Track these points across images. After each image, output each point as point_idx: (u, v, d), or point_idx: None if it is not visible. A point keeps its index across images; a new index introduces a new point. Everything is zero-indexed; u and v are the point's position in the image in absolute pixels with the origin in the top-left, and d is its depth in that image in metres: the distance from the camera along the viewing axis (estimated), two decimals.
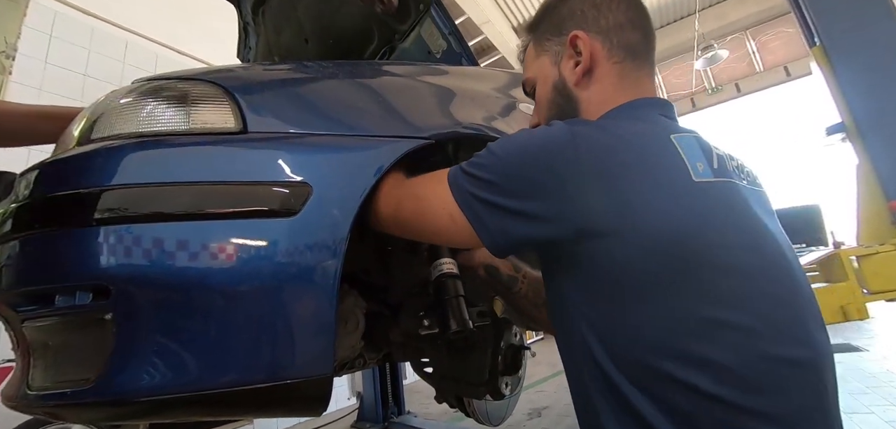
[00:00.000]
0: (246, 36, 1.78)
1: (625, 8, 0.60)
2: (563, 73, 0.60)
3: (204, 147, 0.54)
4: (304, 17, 1.49)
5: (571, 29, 0.59)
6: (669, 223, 0.43)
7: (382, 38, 1.35)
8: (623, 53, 0.59)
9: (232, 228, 0.51)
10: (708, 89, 7.41)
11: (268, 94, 0.62)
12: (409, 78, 0.84)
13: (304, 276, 0.53)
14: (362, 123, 0.66)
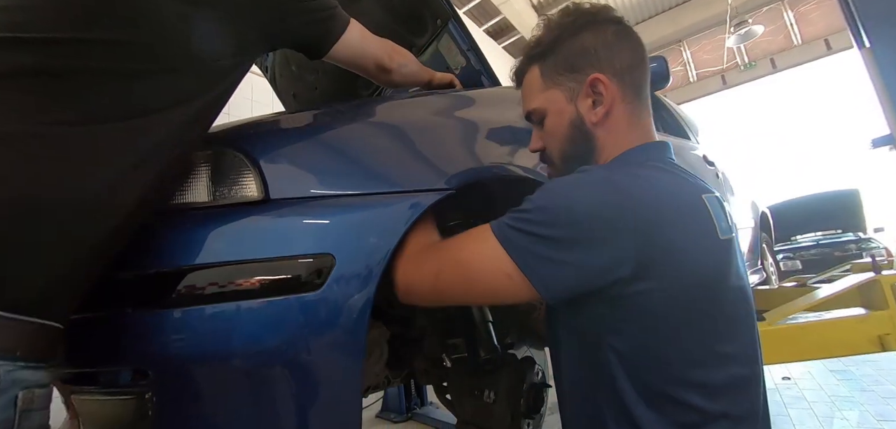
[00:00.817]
0: None
1: (632, 47, 0.63)
2: (580, 111, 0.62)
3: (228, 223, 0.54)
4: None
5: (589, 69, 0.61)
6: (701, 273, 0.52)
7: None
8: (633, 94, 0.63)
9: (257, 308, 0.51)
10: (740, 66, 7.02)
11: (287, 157, 0.62)
12: (426, 113, 0.83)
13: (329, 352, 0.53)
14: (382, 177, 0.66)
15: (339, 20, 0.73)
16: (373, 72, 0.89)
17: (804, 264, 5.10)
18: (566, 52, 0.63)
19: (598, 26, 0.63)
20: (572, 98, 0.62)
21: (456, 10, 1.12)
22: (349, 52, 0.75)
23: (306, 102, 1.71)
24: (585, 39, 0.62)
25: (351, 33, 0.74)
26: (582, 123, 0.62)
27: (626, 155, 0.61)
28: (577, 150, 0.63)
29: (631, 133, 0.62)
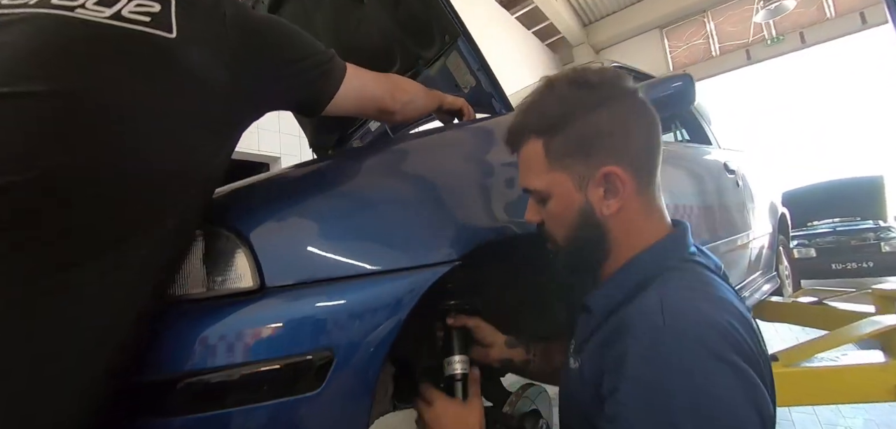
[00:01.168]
0: None
1: (648, 125, 0.58)
2: (590, 200, 0.57)
3: (222, 321, 0.51)
4: (322, 30, 1.40)
5: (603, 156, 0.55)
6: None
7: (405, 63, 1.25)
8: (648, 180, 0.58)
9: (254, 412, 0.50)
10: (767, 40, 6.64)
11: (283, 237, 0.58)
12: (429, 166, 0.77)
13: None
14: (382, 254, 0.62)
15: (335, 73, 0.67)
16: (375, 115, 0.83)
17: (818, 252, 4.99)
18: (577, 133, 0.56)
19: (614, 104, 0.56)
20: (582, 186, 0.56)
21: (466, 28, 1.04)
22: (348, 103, 0.70)
23: None
24: (600, 120, 0.55)
25: (349, 84, 0.69)
26: (592, 212, 0.57)
27: (654, 257, 0.56)
28: (586, 238, 0.58)
29: (647, 224, 0.58)
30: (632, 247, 0.57)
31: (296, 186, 0.66)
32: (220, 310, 0.52)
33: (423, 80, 1.22)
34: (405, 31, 1.16)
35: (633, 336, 0.48)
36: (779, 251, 2.44)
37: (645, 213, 0.58)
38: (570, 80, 0.58)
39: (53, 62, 0.41)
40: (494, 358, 0.78)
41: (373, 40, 1.27)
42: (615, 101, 0.56)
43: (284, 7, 1.47)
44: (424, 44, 1.15)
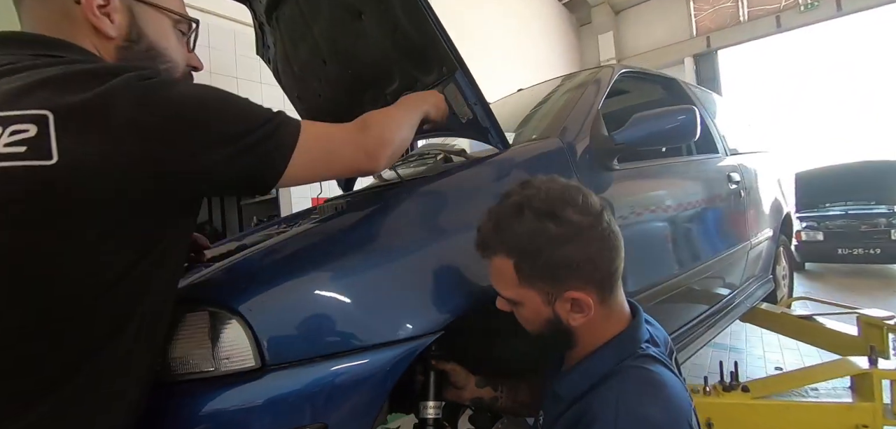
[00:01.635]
0: (263, 35, 1.68)
1: (610, 252, 0.62)
2: (557, 313, 0.63)
3: (228, 401, 0.58)
4: (321, 38, 1.38)
5: (570, 285, 0.61)
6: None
7: (404, 82, 1.24)
8: (610, 288, 0.64)
9: None
10: (800, 5, 6.20)
11: (282, 319, 0.63)
12: (417, 231, 0.80)
13: None
14: (372, 329, 0.67)
15: (285, 138, 0.56)
16: (346, 174, 0.73)
17: (826, 236, 4.93)
18: (546, 263, 0.60)
19: (581, 239, 0.60)
20: (549, 302, 0.62)
21: (463, 61, 1.03)
22: (307, 172, 0.60)
23: (311, 108, 1.65)
24: (567, 254, 0.60)
25: (303, 149, 0.57)
26: (559, 321, 0.63)
27: (605, 355, 0.63)
28: (553, 337, 0.66)
29: (608, 323, 0.65)
30: (595, 341, 0.65)
31: (294, 263, 0.70)
32: (226, 388, 0.59)
33: None
34: (403, 55, 1.15)
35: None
36: (778, 253, 2.45)
37: (606, 315, 0.64)
38: (541, 211, 0.61)
39: None
40: (466, 398, 0.86)
41: (371, 55, 1.26)
42: (582, 237, 0.60)
43: (281, 10, 1.45)
44: (423, 69, 1.15)
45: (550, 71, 7.69)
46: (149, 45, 0.59)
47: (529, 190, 0.63)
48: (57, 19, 0.53)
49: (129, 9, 0.57)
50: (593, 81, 1.46)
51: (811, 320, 1.83)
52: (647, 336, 0.65)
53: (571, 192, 0.63)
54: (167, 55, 0.62)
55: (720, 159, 1.85)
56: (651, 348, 0.63)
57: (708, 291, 1.63)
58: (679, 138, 1.15)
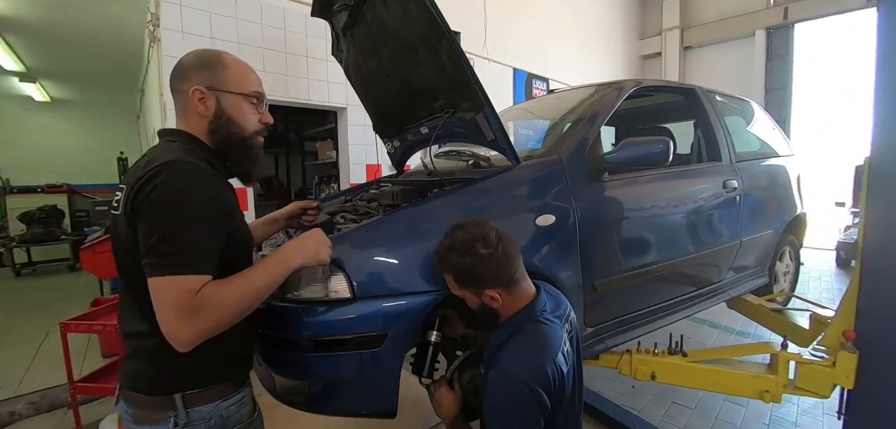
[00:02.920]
0: (338, 41, 2.11)
1: (509, 264, 1.03)
2: (483, 300, 1.06)
3: (336, 312, 1.09)
4: (385, 59, 1.79)
5: (484, 287, 1.03)
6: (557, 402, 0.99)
7: (447, 103, 1.63)
8: (513, 282, 1.04)
9: (348, 358, 1.09)
10: None
11: (365, 270, 1.11)
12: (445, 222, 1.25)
13: (378, 377, 1.11)
14: (417, 281, 1.14)
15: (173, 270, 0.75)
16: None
17: None
18: (470, 278, 1.03)
19: (490, 261, 1.00)
20: (478, 295, 1.05)
21: (489, 101, 1.41)
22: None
23: (373, 107, 2.09)
24: (480, 272, 1.01)
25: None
26: (486, 305, 1.06)
27: (514, 321, 1.04)
28: (485, 313, 1.08)
29: (516, 301, 1.06)
30: (508, 313, 1.06)
31: (373, 240, 1.17)
32: (335, 306, 1.10)
33: (460, 117, 1.60)
34: (447, 86, 1.54)
35: (491, 372, 0.99)
36: (782, 251, 2.63)
37: (514, 298, 1.05)
38: (461, 250, 1.01)
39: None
40: (458, 334, 1.31)
41: (424, 80, 1.65)
42: (486, 262, 1.00)
43: (356, 29, 1.87)
44: (461, 99, 1.53)
45: (605, 42, 7.50)
46: (228, 118, 0.92)
47: (457, 233, 1.04)
48: (181, 108, 0.93)
49: (216, 97, 0.91)
50: (602, 103, 1.77)
51: (781, 313, 2.10)
52: (544, 305, 1.06)
53: (480, 232, 1.02)
54: (240, 122, 0.93)
55: (718, 168, 2.09)
56: (544, 314, 1.04)
57: (689, 278, 1.96)
58: (654, 163, 1.47)
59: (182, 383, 0.82)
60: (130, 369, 0.85)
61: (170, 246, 0.73)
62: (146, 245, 0.74)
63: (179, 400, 0.81)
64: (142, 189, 0.75)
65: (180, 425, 0.81)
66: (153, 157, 0.81)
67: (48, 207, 6.61)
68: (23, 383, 2.82)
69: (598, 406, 2.27)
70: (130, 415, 0.84)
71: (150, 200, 0.75)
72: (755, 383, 1.46)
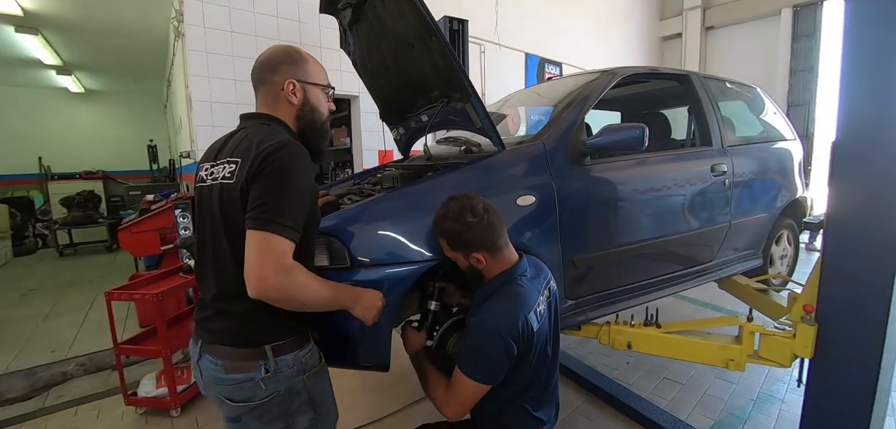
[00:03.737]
0: (346, 35, 2.26)
1: (493, 231, 1.17)
2: (471, 263, 1.21)
3: (332, 274, 1.26)
4: (386, 52, 1.93)
5: (473, 250, 1.18)
6: (524, 355, 1.16)
7: (441, 93, 1.77)
8: (496, 247, 1.19)
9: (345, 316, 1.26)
10: None
11: (361, 242, 1.28)
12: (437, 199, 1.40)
13: (373, 334, 1.27)
14: (405, 251, 1.29)
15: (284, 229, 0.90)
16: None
17: None
18: (459, 242, 1.18)
19: (476, 229, 1.15)
20: (466, 258, 1.20)
21: (475, 92, 1.54)
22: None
23: (379, 96, 2.24)
24: (470, 237, 1.16)
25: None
26: (473, 267, 1.21)
27: (495, 281, 1.20)
28: (474, 274, 1.23)
29: (498, 265, 1.21)
30: (491, 274, 1.21)
31: (370, 215, 1.33)
32: (333, 273, 1.27)
33: (452, 107, 1.74)
34: (439, 78, 1.68)
35: (472, 319, 1.16)
36: (779, 235, 2.67)
37: (497, 261, 1.20)
38: (452, 217, 1.16)
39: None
40: (455, 303, 1.48)
41: (420, 72, 1.79)
42: (476, 227, 1.15)
43: (360, 24, 2.01)
44: (451, 90, 1.67)
45: (623, 23, 7.36)
46: (312, 107, 1.10)
47: (450, 203, 1.19)
48: (271, 99, 1.07)
49: (303, 89, 1.08)
50: (592, 89, 1.87)
51: (766, 293, 2.17)
52: (523, 270, 1.20)
53: (468, 203, 1.17)
54: (319, 109, 1.12)
55: (706, 152, 2.15)
56: (523, 278, 1.19)
57: (673, 257, 2.06)
58: (631, 148, 1.57)
59: (271, 336, 0.97)
60: (222, 326, 0.97)
61: (281, 210, 0.86)
62: (258, 202, 0.86)
63: (269, 350, 0.96)
64: (267, 159, 0.89)
65: (270, 371, 0.96)
66: (266, 135, 0.95)
67: (86, 192, 7.10)
68: (72, 347, 3.17)
69: (592, 379, 2.42)
70: (221, 365, 0.97)
71: (272, 168, 0.88)
72: (721, 353, 1.57)
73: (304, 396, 1.04)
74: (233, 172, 0.94)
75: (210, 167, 1.02)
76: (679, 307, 3.66)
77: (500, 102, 2.68)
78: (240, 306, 0.95)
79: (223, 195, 0.95)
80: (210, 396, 1.05)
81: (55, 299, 4.39)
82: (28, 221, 7.18)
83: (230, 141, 1.04)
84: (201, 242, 1.05)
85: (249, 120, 1.08)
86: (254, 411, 0.99)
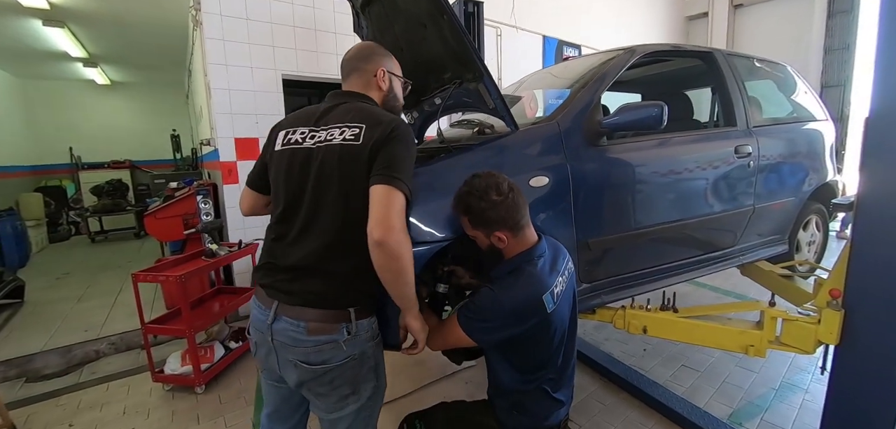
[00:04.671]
0: (358, 19, 2.25)
1: (516, 211, 1.15)
2: (492, 242, 1.20)
3: None
4: (399, 34, 1.92)
5: (495, 229, 1.16)
6: (536, 338, 1.17)
7: (454, 75, 1.75)
8: (519, 229, 1.18)
9: None
10: None
11: None
12: (452, 178, 1.38)
13: (383, 313, 1.29)
14: (421, 233, 1.28)
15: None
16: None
17: None
18: (482, 221, 1.16)
19: (500, 207, 1.13)
20: (488, 237, 1.18)
21: (488, 72, 1.51)
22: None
23: None
24: (493, 216, 1.14)
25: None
26: (493, 246, 1.20)
27: (513, 260, 1.19)
28: (493, 253, 1.22)
29: (519, 245, 1.19)
30: (510, 254, 1.20)
31: None
32: None
33: (466, 88, 1.73)
34: (451, 58, 1.66)
35: (485, 289, 1.16)
36: (806, 220, 2.56)
37: (517, 242, 1.19)
38: (476, 194, 1.14)
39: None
40: (465, 285, 1.48)
41: (432, 53, 1.77)
42: (500, 205, 1.13)
43: (372, 8, 2.00)
44: (464, 70, 1.65)
45: (646, 1, 7.10)
46: (394, 94, 1.24)
47: (475, 181, 1.17)
48: (364, 83, 1.19)
49: (389, 78, 1.22)
50: (609, 67, 1.81)
51: (790, 279, 2.08)
52: (542, 251, 1.19)
53: (493, 181, 1.15)
54: (398, 95, 1.27)
55: (730, 132, 2.07)
56: (540, 259, 1.18)
57: (692, 241, 2.00)
58: (649, 127, 1.52)
59: (355, 299, 1.03)
60: (310, 288, 1.01)
61: (406, 173, 0.98)
62: (387, 162, 0.96)
63: (353, 313, 1.02)
64: (396, 129, 1.00)
65: (351, 333, 1.02)
66: (379, 113, 1.07)
67: (115, 181, 7.38)
68: (104, 327, 3.33)
69: (608, 365, 2.40)
70: (304, 326, 1.00)
71: (399, 137, 1.00)
72: (740, 338, 1.52)
73: (372, 362, 1.10)
74: (357, 134, 1.01)
75: (309, 131, 1.08)
76: (698, 294, 3.58)
77: (515, 85, 2.64)
78: (339, 266, 1.00)
79: (343, 155, 1.00)
80: (272, 363, 1.08)
81: (88, 283, 4.61)
82: (61, 209, 7.52)
83: (333, 110, 1.10)
84: (289, 204, 1.07)
85: (347, 96, 1.16)
86: (326, 374, 1.03)
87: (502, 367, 1.24)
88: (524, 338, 1.14)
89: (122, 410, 2.33)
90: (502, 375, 1.23)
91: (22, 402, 2.48)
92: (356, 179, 0.99)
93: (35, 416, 2.34)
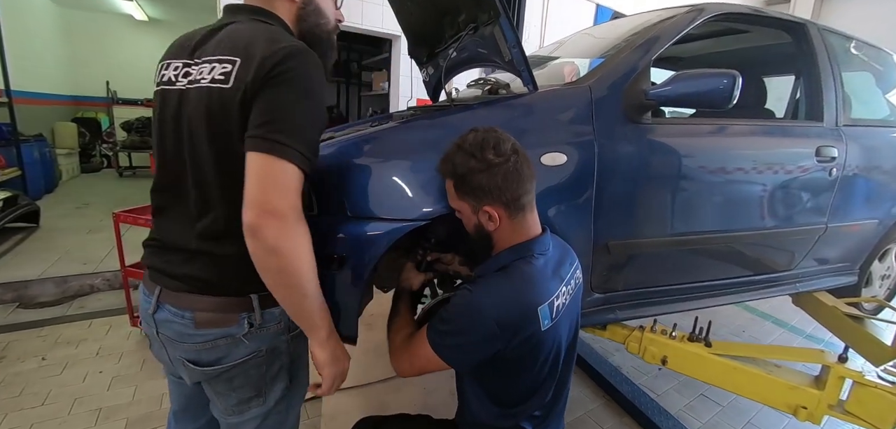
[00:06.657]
0: None
1: (516, 182, 0.86)
2: (480, 220, 0.90)
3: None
4: None
5: (485, 201, 0.87)
6: (527, 355, 0.88)
7: (468, 16, 1.43)
8: (516, 210, 0.88)
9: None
10: None
11: (329, 188, 1.02)
12: (419, 144, 1.09)
13: (339, 300, 1.02)
14: (380, 207, 1.01)
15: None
16: None
17: None
18: (470, 186, 0.86)
19: (494, 170, 0.83)
20: (475, 212, 0.88)
21: (508, 12, 1.18)
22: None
23: (407, 24, 1.91)
24: (483, 180, 0.84)
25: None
26: (481, 227, 0.91)
27: (505, 254, 0.90)
28: (481, 238, 0.93)
29: (515, 234, 0.90)
30: (503, 245, 0.90)
31: (344, 158, 1.06)
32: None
33: (482, 34, 1.40)
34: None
35: (463, 289, 0.88)
36: (886, 249, 2.09)
37: (514, 228, 0.89)
38: (468, 151, 0.85)
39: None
40: (452, 270, 1.19)
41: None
42: (492, 170, 0.83)
43: None
44: (480, 9, 1.33)
45: None
46: (316, 8, 0.89)
47: (468, 135, 0.87)
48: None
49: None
50: (666, 28, 1.42)
51: (860, 322, 1.67)
52: (545, 248, 0.89)
53: (494, 137, 0.85)
54: (325, 13, 0.91)
55: (812, 128, 1.64)
56: (541, 257, 0.88)
57: (740, 259, 1.62)
58: (710, 104, 1.16)
59: (259, 284, 0.73)
60: (196, 271, 0.77)
61: (297, 131, 0.68)
62: (266, 117, 0.67)
63: (256, 300, 0.79)
64: (281, 63, 0.68)
65: (254, 325, 0.80)
66: (273, 35, 0.73)
67: (144, 118, 7.47)
68: (103, 263, 3.29)
69: (613, 381, 2.09)
70: (191, 318, 0.77)
71: (286, 76, 0.68)
72: (789, 395, 1.16)
73: (285, 359, 0.89)
74: (227, 73, 0.70)
75: (183, 66, 0.79)
76: (743, 322, 3.11)
77: (552, 45, 2.25)
78: (229, 248, 0.75)
79: (211, 103, 0.71)
80: (164, 359, 0.86)
81: (103, 216, 4.66)
82: (95, 141, 7.73)
83: (215, 35, 0.79)
84: (164, 163, 0.82)
85: (239, 13, 0.84)
86: (223, 374, 0.81)
87: (475, 394, 0.96)
88: (505, 359, 0.86)
89: (97, 350, 2.26)
90: (474, 403, 0.96)
91: (8, 327, 2.46)
92: (228, 139, 0.70)
93: (16, 343, 2.29)
